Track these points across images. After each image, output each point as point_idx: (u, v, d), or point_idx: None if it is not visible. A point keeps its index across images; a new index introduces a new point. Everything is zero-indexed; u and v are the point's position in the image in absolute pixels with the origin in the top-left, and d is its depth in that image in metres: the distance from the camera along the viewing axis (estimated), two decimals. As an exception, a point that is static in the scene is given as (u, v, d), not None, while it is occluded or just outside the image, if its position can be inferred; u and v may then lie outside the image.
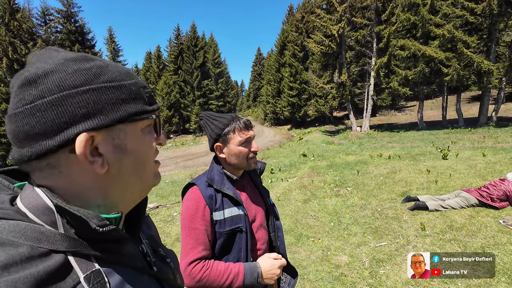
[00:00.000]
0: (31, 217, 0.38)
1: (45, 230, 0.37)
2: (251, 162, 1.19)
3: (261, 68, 56.83)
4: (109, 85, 0.41)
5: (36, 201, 0.39)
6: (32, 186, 0.41)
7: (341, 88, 18.94)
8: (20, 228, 0.36)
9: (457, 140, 10.57)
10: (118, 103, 0.42)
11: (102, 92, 0.40)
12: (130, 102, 0.43)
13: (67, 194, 0.41)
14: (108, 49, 34.60)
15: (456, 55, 14.15)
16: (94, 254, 0.40)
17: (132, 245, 0.48)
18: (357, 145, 12.19)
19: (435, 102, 27.48)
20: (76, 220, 0.38)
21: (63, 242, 0.38)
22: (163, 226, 4.57)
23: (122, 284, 0.42)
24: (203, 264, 1.05)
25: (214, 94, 34.48)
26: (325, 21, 18.57)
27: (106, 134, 0.41)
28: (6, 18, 19.54)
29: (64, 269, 0.37)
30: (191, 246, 1.07)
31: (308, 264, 3.03)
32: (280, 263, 1.12)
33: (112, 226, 0.40)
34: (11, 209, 0.38)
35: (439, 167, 6.15)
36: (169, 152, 17.70)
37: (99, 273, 0.40)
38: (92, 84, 0.40)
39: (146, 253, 0.53)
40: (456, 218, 3.66)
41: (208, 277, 1.03)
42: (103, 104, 0.40)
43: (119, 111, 0.41)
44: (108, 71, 0.42)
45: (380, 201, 4.66)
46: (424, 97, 17.76)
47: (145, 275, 0.49)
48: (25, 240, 0.35)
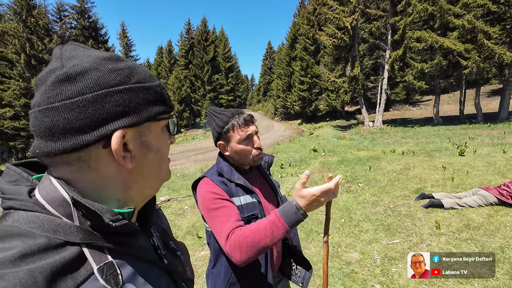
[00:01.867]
0: (48, 209, 0.40)
1: (62, 222, 0.39)
2: (255, 159, 1.16)
3: (272, 62, 56.34)
4: (140, 86, 0.44)
5: (53, 193, 0.40)
6: (50, 178, 0.42)
7: (354, 82, 18.51)
8: (38, 219, 0.38)
9: (475, 136, 10.16)
10: (147, 103, 0.45)
11: (134, 92, 0.43)
12: (156, 103, 0.47)
13: (88, 187, 0.42)
14: (121, 44, 35.16)
15: (476, 47, 13.50)
16: (108, 247, 0.42)
17: (144, 238, 0.50)
18: (369, 141, 11.95)
19: (452, 96, 26.46)
20: (91, 213, 0.40)
21: (78, 234, 0.39)
22: (174, 219, 4.65)
23: (134, 275, 0.44)
24: (240, 229, 0.95)
25: (224, 88, 34.53)
26: (337, 13, 18.08)
27: (135, 131, 0.44)
28: (23, 15, 20.09)
29: (78, 260, 0.38)
30: (221, 224, 0.98)
31: (319, 260, 3.01)
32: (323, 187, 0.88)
33: (125, 220, 0.42)
34: (29, 201, 0.39)
35: (455, 163, 5.94)
36: (180, 147, 17.94)
37: (112, 265, 0.41)
38: (126, 84, 0.43)
39: (157, 246, 0.55)
40: (473, 216, 3.53)
41: (246, 239, 0.90)
42: (135, 103, 0.43)
43: (148, 110, 0.45)
44: (138, 73, 0.46)
45: (392, 198, 4.56)
46: (440, 91, 17.11)
47: (156, 268, 0.50)
48: (42, 231, 0.37)
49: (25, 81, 19.65)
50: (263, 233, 0.88)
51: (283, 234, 0.88)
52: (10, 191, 0.41)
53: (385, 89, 17.87)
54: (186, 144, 19.11)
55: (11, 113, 19.42)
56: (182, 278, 0.57)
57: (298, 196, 0.89)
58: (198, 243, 3.69)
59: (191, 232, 4.06)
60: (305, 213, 0.89)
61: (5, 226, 0.37)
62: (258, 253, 0.90)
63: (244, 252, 0.89)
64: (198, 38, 34.21)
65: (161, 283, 0.49)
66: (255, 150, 1.14)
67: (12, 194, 0.40)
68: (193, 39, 35.75)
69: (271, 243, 0.89)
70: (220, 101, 33.66)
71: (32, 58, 20.03)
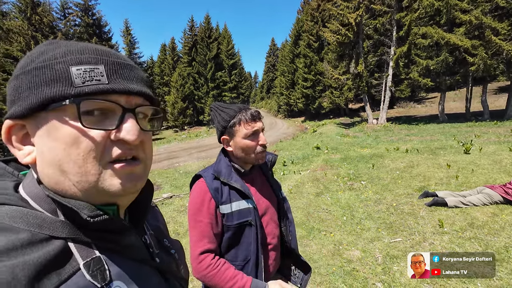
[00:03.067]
0: (32, 205, 0.39)
1: (47, 217, 0.38)
2: (258, 157, 1.12)
3: (275, 59, 56.05)
4: (34, 67, 0.38)
5: (37, 189, 0.40)
6: (33, 174, 0.41)
7: (358, 79, 18.32)
8: (22, 214, 0.36)
9: (481, 134, 10.01)
10: (37, 86, 0.37)
11: (26, 75, 0.39)
12: (52, 84, 0.37)
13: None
14: (125, 42, 35.27)
15: (483, 43, 13.24)
16: (95, 242, 0.41)
17: (135, 236, 0.48)
18: (373, 138, 11.85)
19: (458, 94, 26.10)
20: (69, 210, 0.39)
21: (63, 228, 0.38)
22: (176, 216, 4.67)
23: (123, 272, 0.42)
24: (212, 261, 1.03)
25: (227, 85, 34.47)
26: (342, 9, 17.86)
27: (32, 121, 0.39)
28: (28, 13, 20.24)
29: (64, 255, 0.37)
30: (196, 239, 1.06)
31: (319, 258, 3.00)
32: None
33: (105, 216, 0.39)
34: (14, 195, 0.39)
35: (460, 161, 5.86)
36: (183, 144, 18.00)
37: (99, 260, 0.40)
38: (24, 68, 0.39)
39: (149, 244, 0.53)
40: (477, 215, 3.48)
41: (213, 276, 1.01)
42: (24, 89, 0.38)
43: (36, 95, 0.38)
44: (47, 53, 0.40)
45: (395, 196, 4.51)
46: (446, 88, 16.86)
47: (146, 266, 0.49)
48: (26, 225, 0.36)
49: (30, 79, 19.84)
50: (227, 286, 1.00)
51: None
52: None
53: (389, 86, 17.67)
54: (189, 141, 19.17)
55: (16, 110, 19.65)
56: (175, 277, 0.56)
57: None
58: (200, 240, 3.70)
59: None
60: None
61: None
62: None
63: (205, 281, 1.03)
64: (202, 35, 34.12)
65: (151, 282, 0.48)
66: (260, 147, 1.12)
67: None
68: (196, 36, 35.67)
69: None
70: (224, 98, 33.61)
71: (37, 55, 20.18)
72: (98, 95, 0.38)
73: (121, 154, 0.41)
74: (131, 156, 0.42)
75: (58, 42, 0.41)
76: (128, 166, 0.41)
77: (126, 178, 0.41)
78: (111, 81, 0.40)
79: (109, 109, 0.40)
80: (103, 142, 0.39)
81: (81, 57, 0.39)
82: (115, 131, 0.40)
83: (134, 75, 0.44)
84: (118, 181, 0.40)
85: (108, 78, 0.39)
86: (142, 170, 0.44)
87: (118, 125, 0.40)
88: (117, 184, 0.40)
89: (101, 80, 0.39)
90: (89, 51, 0.40)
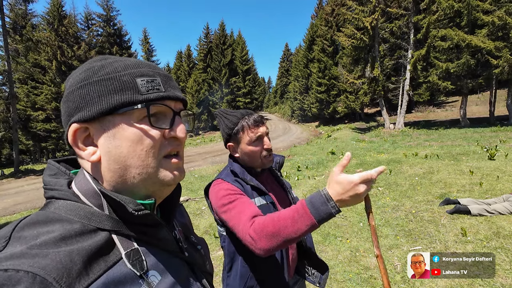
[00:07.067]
0: (83, 199, 0.45)
1: (94, 211, 0.44)
2: (265, 161, 1.13)
3: (289, 64, 56.12)
4: (99, 79, 0.45)
5: (87, 186, 0.46)
6: (84, 173, 0.47)
7: (373, 83, 17.98)
8: (74, 207, 0.43)
9: (507, 139, 9.52)
10: (104, 95, 0.45)
11: (92, 86, 0.45)
12: (118, 93, 0.45)
13: (106, 179, 0.48)
14: (143, 50, 36.61)
15: (508, 44, 12.69)
16: (134, 235, 0.46)
17: (166, 231, 0.53)
18: (390, 143, 11.54)
19: (481, 97, 24.93)
20: (116, 204, 0.44)
21: (108, 222, 0.44)
22: (192, 219, 4.75)
23: (157, 263, 0.47)
24: (259, 218, 0.88)
25: (241, 91, 34.86)
26: (356, 13, 17.70)
27: (98, 125, 0.46)
28: (55, 24, 21.52)
29: (108, 245, 0.42)
30: (240, 212, 0.93)
31: (336, 264, 2.96)
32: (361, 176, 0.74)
33: (146, 210, 0.45)
34: (68, 191, 0.45)
35: (484, 168, 5.60)
36: (197, 148, 18.29)
37: (137, 251, 0.45)
38: (88, 80, 0.45)
39: (178, 239, 0.58)
40: (503, 224, 3.32)
41: (271, 223, 0.81)
42: (91, 97, 0.45)
43: (103, 102, 0.45)
44: (108, 66, 0.47)
45: (414, 202, 4.38)
46: (468, 91, 16.19)
47: (177, 258, 0.53)
48: (78, 217, 0.42)
49: (56, 86, 20.99)
50: (289, 222, 0.78)
51: (307, 226, 0.75)
52: (51, 183, 0.47)
53: (407, 90, 17.20)
54: (204, 146, 19.45)
55: (43, 116, 20.82)
56: (201, 271, 0.60)
57: (333, 181, 0.74)
58: (215, 243, 3.75)
59: (209, 232, 4.13)
60: (336, 206, 0.74)
61: (48, 212, 0.42)
62: (282, 244, 0.80)
63: (269, 239, 0.80)
64: (216, 42, 34.88)
65: (181, 273, 0.52)
66: (265, 151, 1.13)
67: (53, 185, 0.46)
68: (211, 43, 36.50)
69: (295, 235, 0.77)
70: (237, 103, 34.01)
71: (63, 64, 21.36)
72: (159, 100, 0.47)
73: (172, 150, 0.49)
74: (176, 151, 0.50)
75: (110, 57, 0.49)
76: (179, 160, 0.51)
77: (176, 170, 0.50)
78: (165, 89, 0.48)
79: (164, 112, 0.49)
80: (160, 139, 0.47)
81: (141, 70, 0.47)
82: (169, 130, 0.48)
83: (175, 84, 0.52)
84: (171, 172, 0.49)
85: (164, 87, 0.48)
86: (182, 164, 0.53)
87: (171, 125, 0.48)
88: (170, 175, 0.49)
89: (159, 89, 0.47)
90: (144, 65, 0.49)
